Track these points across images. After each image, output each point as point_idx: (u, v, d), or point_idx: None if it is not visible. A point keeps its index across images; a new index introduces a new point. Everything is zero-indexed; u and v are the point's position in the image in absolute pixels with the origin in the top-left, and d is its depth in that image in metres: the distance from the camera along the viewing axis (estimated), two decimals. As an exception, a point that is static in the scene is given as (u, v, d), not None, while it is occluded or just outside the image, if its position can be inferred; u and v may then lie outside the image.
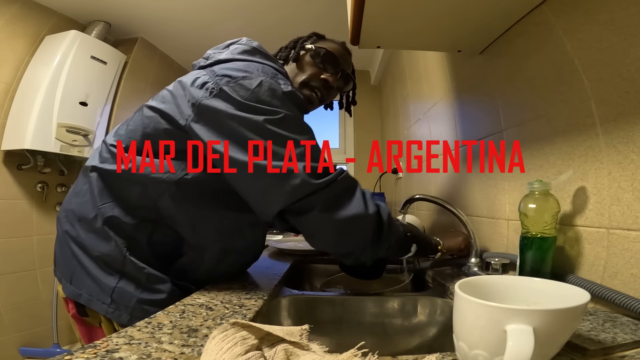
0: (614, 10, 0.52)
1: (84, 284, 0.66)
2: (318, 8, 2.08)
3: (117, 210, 0.66)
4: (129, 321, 0.63)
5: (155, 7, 2.13)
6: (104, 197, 0.67)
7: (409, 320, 0.80)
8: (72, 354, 0.37)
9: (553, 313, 0.30)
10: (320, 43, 0.84)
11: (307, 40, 0.84)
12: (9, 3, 1.92)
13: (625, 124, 0.51)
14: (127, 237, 0.65)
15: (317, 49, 0.82)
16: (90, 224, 0.66)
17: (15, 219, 1.94)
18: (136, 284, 0.64)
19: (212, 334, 0.40)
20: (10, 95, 1.95)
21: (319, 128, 3.15)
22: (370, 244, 0.66)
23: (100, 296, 0.64)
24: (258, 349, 0.39)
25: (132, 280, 0.64)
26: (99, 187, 0.68)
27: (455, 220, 0.89)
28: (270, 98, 0.63)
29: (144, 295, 0.64)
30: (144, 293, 0.64)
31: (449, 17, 0.78)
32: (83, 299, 0.65)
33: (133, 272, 0.64)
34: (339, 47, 0.85)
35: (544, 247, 0.58)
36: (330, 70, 0.82)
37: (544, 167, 0.69)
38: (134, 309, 0.63)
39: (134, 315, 0.63)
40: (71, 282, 0.67)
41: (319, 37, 0.87)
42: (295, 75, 0.82)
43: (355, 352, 0.39)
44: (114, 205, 0.66)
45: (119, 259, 0.64)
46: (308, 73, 0.81)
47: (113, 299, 0.64)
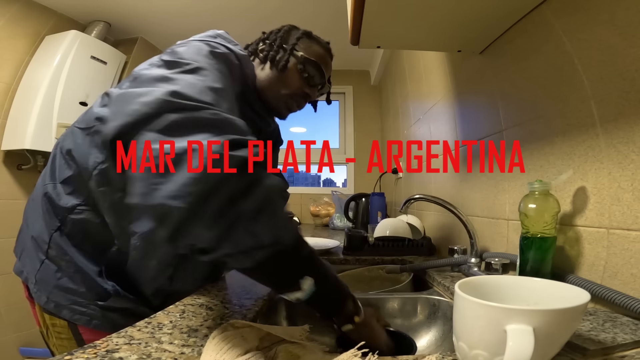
0: (614, 10, 0.52)
1: (25, 262, 0.67)
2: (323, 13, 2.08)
3: (56, 191, 0.64)
4: (45, 303, 0.63)
5: (155, 7, 2.13)
6: (51, 176, 0.66)
7: (409, 320, 0.80)
8: (72, 354, 0.37)
9: (553, 313, 0.30)
10: (309, 49, 0.76)
11: (296, 43, 0.75)
12: (9, 3, 1.92)
13: (625, 124, 0.51)
14: (60, 220, 0.63)
15: (307, 62, 0.74)
16: (35, 202, 0.67)
17: (15, 219, 1.92)
18: (57, 268, 0.63)
19: (212, 334, 0.40)
20: (10, 95, 1.95)
21: (319, 128, 3.15)
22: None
23: (31, 276, 0.65)
24: (258, 349, 0.39)
25: (54, 263, 0.63)
26: (51, 164, 0.67)
27: (455, 220, 0.88)
28: (192, 54, 0.55)
29: (62, 282, 0.63)
30: (63, 279, 0.63)
31: (449, 17, 0.78)
32: (23, 277, 0.67)
33: (55, 256, 0.63)
34: (324, 53, 0.78)
35: (544, 247, 0.58)
36: (314, 85, 0.77)
37: (544, 167, 0.69)
38: (52, 292, 0.63)
39: (50, 299, 0.63)
40: (19, 258, 0.69)
41: (308, 37, 0.78)
42: (279, 85, 0.74)
43: (355, 352, 0.39)
44: (54, 186, 0.64)
45: (46, 241, 0.63)
46: (294, 87, 0.75)
47: (37, 280, 0.64)
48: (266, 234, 0.39)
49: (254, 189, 0.39)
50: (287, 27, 0.79)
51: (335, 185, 3.15)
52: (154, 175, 0.37)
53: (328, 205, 2.59)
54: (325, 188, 3.03)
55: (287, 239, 0.42)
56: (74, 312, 0.63)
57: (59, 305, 0.63)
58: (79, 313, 0.63)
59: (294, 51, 0.74)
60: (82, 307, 0.63)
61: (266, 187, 0.40)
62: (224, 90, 0.51)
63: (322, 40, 0.80)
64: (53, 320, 0.64)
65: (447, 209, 0.86)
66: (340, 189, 2.89)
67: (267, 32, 0.79)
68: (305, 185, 3.17)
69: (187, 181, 0.36)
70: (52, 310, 0.63)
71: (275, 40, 0.75)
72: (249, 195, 0.38)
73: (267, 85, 0.74)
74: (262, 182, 0.40)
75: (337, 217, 2.34)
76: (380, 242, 1.22)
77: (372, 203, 1.99)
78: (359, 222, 2.06)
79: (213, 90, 0.48)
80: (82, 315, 0.63)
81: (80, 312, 0.63)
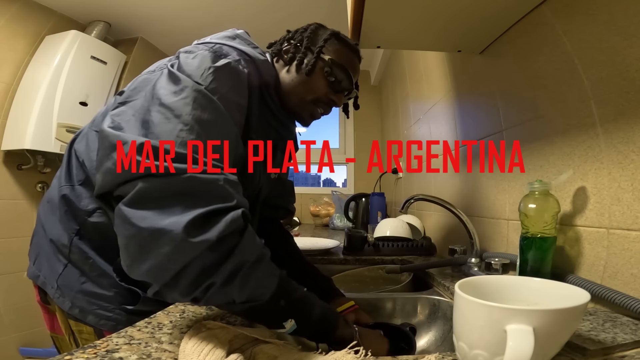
0: (614, 10, 0.52)
1: (43, 266, 0.66)
2: (319, 8, 2.08)
3: (75, 193, 0.62)
4: (70, 309, 0.62)
5: (155, 7, 2.13)
6: (68, 178, 0.64)
7: (408, 320, 0.80)
8: (72, 354, 0.37)
9: (553, 313, 0.30)
10: (338, 52, 0.70)
11: (324, 45, 0.68)
12: (9, 3, 1.92)
13: (625, 124, 0.51)
14: (79, 222, 0.62)
15: (334, 66, 0.68)
16: (52, 204, 0.65)
17: (15, 219, 1.94)
18: (80, 272, 0.63)
19: (185, 335, 0.41)
20: (10, 95, 1.95)
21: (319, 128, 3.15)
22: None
23: (51, 280, 0.64)
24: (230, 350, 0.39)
25: (77, 267, 0.63)
26: (67, 165, 0.66)
27: (455, 220, 0.88)
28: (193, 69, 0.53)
29: (86, 287, 0.62)
30: (87, 284, 0.62)
31: (449, 17, 0.78)
32: (40, 281, 0.65)
33: (78, 260, 0.62)
34: (353, 56, 0.72)
35: (544, 247, 0.58)
36: (341, 91, 0.71)
37: (544, 167, 0.69)
38: (75, 297, 0.62)
39: (75, 304, 0.62)
40: (34, 262, 0.67)
41: (337, 38, 0.71)
42: (304, 91, 0.69)
43: (348, 351, 0.40)
44: (72, 188, 0.63)
45: (67, 245, 0.62)
46: (320, 93, 0.69)
47: (58, 285, 0.63)
48: (239, 294, 0.42)
49: (226, 260, 0.41)
50: (314, 26, 0.72)
51: (335, 185, 3.15)
52: (132, 251, 0.41)
53: (328, 205, 2.59)
54: (325, 188, 3.03)
55: (262, 295, 0.44)
56: (99, 317, 0.62)
57: (84, 310, 0.62)
58: (104, 318, 0.62)
59: (321, 54, 0.67)
60: (107, 312, 0.62)
61: (240, 255, 0.42)
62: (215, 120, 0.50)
63: (351, 42, 0.73)
64: (79, 327, 0.63)
65: (447, 209, 0.86)
66: (340, 189, 2.90)
67: (293, 31, 0.73)
68: (305, 185, 3.17)
69: (159, 264, 0.39)
70: (78, 316, 0.62)
71: (302, 41, 0.69)
72: (222, 266, 0.41)
73: (291, 90, 0.69)
74: (236, 251, 0.41)
75: (337, 217, 2.35)
76: (380, 242, 1.22)
77: (372, 203, 1.99)
78: (359, 222, 2.06)
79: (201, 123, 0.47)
80: (107, 320, 0.62)
81: (106, 317, 0.62)
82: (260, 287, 0.44)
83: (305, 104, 0.71)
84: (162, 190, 0.41)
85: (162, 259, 0.38)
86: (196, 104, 0.48)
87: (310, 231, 2.16)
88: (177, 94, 0.49)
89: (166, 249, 0.38)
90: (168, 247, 0.38)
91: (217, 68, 0.54)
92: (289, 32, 0.73)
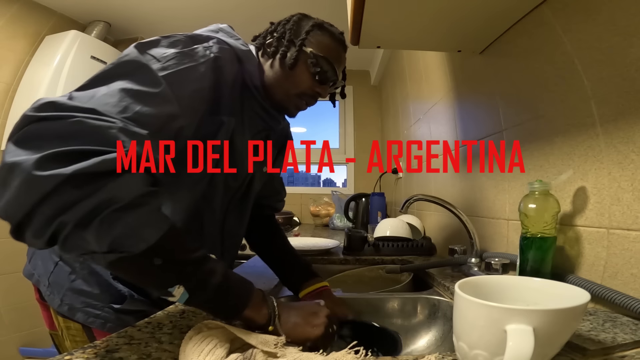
0: (614, 10, 0.52)
1: (37, 264, 0.67)
2: (319, 8, 2.08)
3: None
4: (59, 306, 0.62)
5: (155, 7, 2.13)
6: None
7: (409, 320, 0.80)
8: (72, 354, 0.37)
9: (553, 313, 0.30)
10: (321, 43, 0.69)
11: (306, 37, 0.68)
12: (9, 3, 1.92)
13: (625, 124, 0.51)
14: None
15: (318, 60, 0.67)
16: None
17: (15, 219, 1.94)
18: (71, 269, 0.63)
19: (186, 335, 0.41)
20: (10, 95, 1.95)
21: (319, 128, 3.15)
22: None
23: (43, 278, 0.64)
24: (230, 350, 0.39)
25: (67, 265, 0.63)
26: None
27: (455, 220, 0.88)
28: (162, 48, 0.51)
29: (75, 284, 0.62)
30: (77, 281, 0.62)
31: (449, 17, 0.78)
32: (34, 279, 0.66)
33: (69, 258, 0.63)
34: (337, 46, 0.72)
35: (544, 247, 0.58)
36: (325, 82, 0.71)
37: (544, 167, 0.69)
38: (65, 295, 0.63)
39: (64, 302, 0.62)
40: (30, 261, 0.68)
41: (320, 28, 0.70)
42: (288, 84, 0.69)
43: (349, 351, 0.40)
44: None
45: None
46: (304, 86, 0.69)
47: (50, 282, 0.64)
48: (99, 241, 0.37)
49: (85, 199, 0.36)
50: (297, 17, 0.71)
51: (335, 185, 3.15)
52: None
53: (328, 205, 2.59)
54: (325, 188, 3.03)
55: (130, 247, 0.38)
56: (88, 314, 0.62)
57: (73, 307, 0.62)
58: (93, 316, 0.62)
59: (303, 47, 0.67)
60: (96, 309, 0.62)
61: (105, 195, 0.37)
62: (160, 93, 0.48)
63: (335, 30, 0.72)
64: (67, 323, 0.64)
65: (447, 209, 0.86)
66: (340, 189, 2.89)
67: (275, 23, 0.72)
68: (305, 185, 3.17)
69: (12, 199, 0.35)
70: (66, 313, 0.63)
71: (284, 34, 0.68)
72: (77, 205, 0.36)
73: (275, 83, 0.69)
74: (101, 191, 0.37)
75: (337, 217, 2.35)
76: (380, 242, 1.22)
77: (372, 203, 1.99)
78: (359, 222, 2.06)
79: (132, 94, 0.45)
80: (96, 318, 0.62)
81: (94, 315, 0.62)
82: (129, 237, 0.38)
83: (290, 98, 0.70)
84: (46, 130, 0.38)
85: (14, 192, 0.35)
86: (132, 73, 0.48)
87: (310, 231, 2.16)
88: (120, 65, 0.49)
89: (17, 181, 0.35)
90: (18, 179, 0.35)
91: (180, 51, 0.52)
92: (272, 24, 0.73)
